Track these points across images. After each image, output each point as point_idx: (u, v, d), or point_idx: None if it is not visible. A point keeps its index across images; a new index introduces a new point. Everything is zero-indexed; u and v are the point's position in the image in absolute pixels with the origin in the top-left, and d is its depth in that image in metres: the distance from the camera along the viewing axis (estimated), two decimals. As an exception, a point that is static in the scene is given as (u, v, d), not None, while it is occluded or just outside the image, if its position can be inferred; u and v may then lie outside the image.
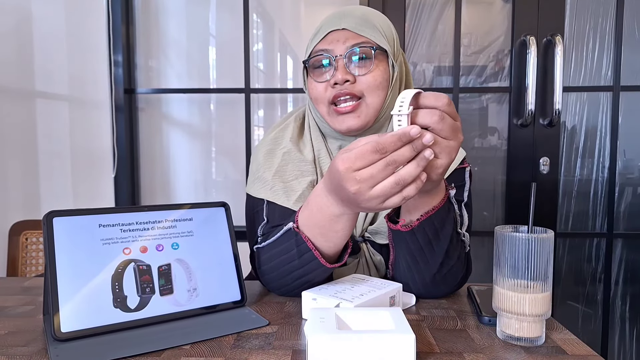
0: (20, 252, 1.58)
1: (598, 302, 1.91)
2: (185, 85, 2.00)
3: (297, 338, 0.63)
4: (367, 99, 0.83)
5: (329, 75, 0.83)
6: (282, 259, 0.76)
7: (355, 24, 0.83)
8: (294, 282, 0.77)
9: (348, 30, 0.83)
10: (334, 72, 0.82)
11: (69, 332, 0.60)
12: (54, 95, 1.84)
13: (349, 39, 0.82)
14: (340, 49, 0.82)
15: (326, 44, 0.83)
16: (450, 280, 0.79)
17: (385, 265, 0.87)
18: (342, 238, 0.72)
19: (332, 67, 0.83)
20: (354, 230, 0.87)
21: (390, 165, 0.59)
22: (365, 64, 0.83)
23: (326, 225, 0.71)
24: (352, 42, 0.82)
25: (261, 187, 0.88)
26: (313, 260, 0.73)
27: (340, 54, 0.82)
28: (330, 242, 0.72)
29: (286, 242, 0.75)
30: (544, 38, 1.76)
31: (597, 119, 1.86)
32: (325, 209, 0.69)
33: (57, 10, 1.83)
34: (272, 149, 0.91)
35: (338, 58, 0.82)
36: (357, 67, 0.83)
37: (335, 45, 0.83)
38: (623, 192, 1.88)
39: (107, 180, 1.92)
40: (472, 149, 1.91)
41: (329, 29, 0.83)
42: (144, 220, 0.70)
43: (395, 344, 0.52)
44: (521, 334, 0.61)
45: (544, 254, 0.59)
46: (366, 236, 0.88)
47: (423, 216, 0.71)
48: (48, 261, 0.62)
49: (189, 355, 0.58)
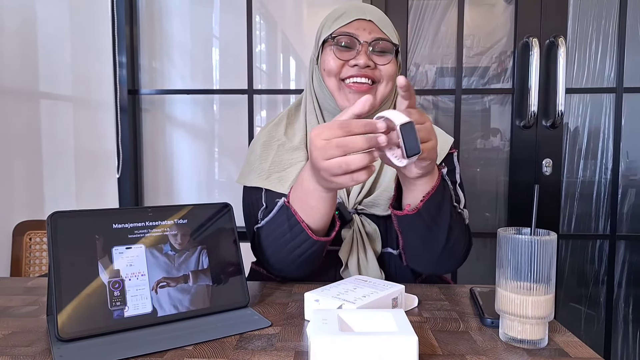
0: (24, 252, 1.58)
1: (601, 304, 1.91)
2: (189, 86, 2.00)
3: (300, 339, 0.63)
4: (379, 86, 0.93)
5: (350, 56, 0.91)
6: (277, 234, 0.82)
7: (379, 19, 0.93)
8: (289, 256, 0.81)
9: (373, 23, 0.92)
10: (357, 56, 0.90)
11: (73, 332, 0.61)
12: (58, 96, 1.84)
13: (373, 31, 0.91)
14: (365, 36, 0.91)
15: (352, 28, 0.91)
16: (457, 250, 0.86)
17: (381, 237, 0.93)
18: (319, 215, 0.77)
19: (354, 51, 0.91)
20: (347, 202, 0.93)
21: (340, 147, 0.64)
22: (384, 56, 0.92)
23: (303, 199, 0.77)
24: (376, 35, 0.91)
25: (257, 177, 0.95)
26: (302, 233, 0.78)
27: (365, 41, 0.91)
28: (309, 217, 0.78)
29: (280, 217, 0.81)
30: (547, 39, 1.76)
31: (600, 120, 1.86)
32: (304, 182, 0.76)
33: (61, 12, 1.83)
34: (268, 141, 0.98)
35: (363, 44, 0.91)
36: (377, 56, 0.92)
37: (362, 32, 0.91)
38: (626, 193, 1.88)
39: (110, 180, 1.92)
40: (475, 150, 1.91)
41: (356, 16, 0.92)
42: (147, 220, 0.71)
43: (397, 346, 0.52)
44: (524, 336, 0.61)
45: (547, 256, 0.59)
46: (359, 208, 0.93)
47: (425, 197, 0.77)
48: (52, 261, 0.63)
49: (192, 356, 0.58)
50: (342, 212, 0.90)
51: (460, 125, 1.86)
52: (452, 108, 1.87)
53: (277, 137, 0.98)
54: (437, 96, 1.90)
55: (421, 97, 1.90)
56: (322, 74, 0.95)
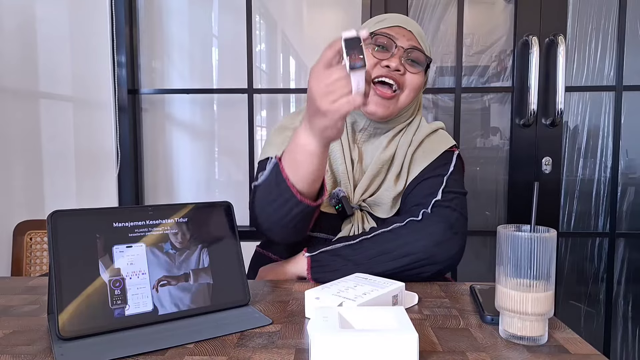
0: (25, 251, 1.58)
1: (600, 301, 1.91)
2: (188, 85, 2.00)
3: (301, 337, 0.63)
4: (402, 94, 0.94)
5: (384, 57, 0.92)
6: (267, 192, 0.83)
7: (418, 32, 0.96)
8: (275, 215, 0.83)
9: (412, 34, 0.94)
10: (391, 57, 0.92)
11: (74, 331, 0.61)
12: (58, 95, 1.84)
13: (411, 40, 0.94)
14: (403, 42, 0.93)
15: (393, 32, 0.93)
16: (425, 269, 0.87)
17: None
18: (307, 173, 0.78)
19: (389, 53, 0.92)
20: (351, 197, 0.95)
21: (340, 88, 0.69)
22: (415, 66, 0.94)
23: (292, 154, 0.79)
24: (413, 44, 0.94)
25: (270, 149, 0.97)
26: (287, 191, 0.79)
27: (402, 46, 0.93)
28: (297, 174, 0.79)
29: (270, 175, 0.82)
30: (547, 38, 1.76)
31: (599, 118, 1.86)
32: (297, 137, 0.78)
33: (60, 12, 1.83)
34: (285, 125, 1.01)
35: (399, 48, 0.92)
36: (409, 65, 0.94)
37: (401, 38, 0.93)
38: (625, 191, 1.88)
39: (110, 180, 1.92)
40: (475, 149, 1.91)
41: (397, 23, 0.95)
42: (147, 220, 0.71)
43: (398, 343, 0.52)
44: (524, 333, 0.61)
45: (547, 254, 0.59)
46: (363, 205, 0.95)
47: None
48: (52, 261, 0.63)
49: (193, 354, 0.58)
50: (345, 205, 0.92)
51: (460, 124, 1.86)
52: (451, 107, 1.88)
53: (294, 123, 1.00)
54: (437, 95, 1.90)
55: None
56: None
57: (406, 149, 0.97)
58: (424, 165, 0.96)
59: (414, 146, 0.98)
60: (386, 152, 0.96)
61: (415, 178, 0.96)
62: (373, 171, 0.95)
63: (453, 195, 0.92)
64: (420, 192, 0.93)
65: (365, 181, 0.95)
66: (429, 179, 0.95)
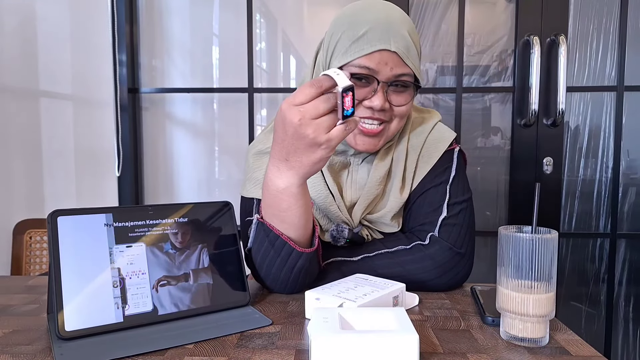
0: (25, 251, 1.58)
1: (601, 302, 1.91)
2: (189, 84, 2.00)
3: (301, 338, 0.63)
4: (391, 124, 0.85)
5: (365, 94, 0.81)
6: (263, 254, 0.78)
7: (404, 48, 0.80)
8: (282, 275, 0.78)
9: (397, 55, 0.79)
10: (373, 97, 0.80)
11: (73, 330, 0.61)
12: (58, 94, 1.84)
13: (395, 67, 0.80)
14: (386, 73, 0.80)
15: (374, 62, 0.79)
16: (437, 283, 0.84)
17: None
18: (296, 218, 0.73)
19: (370, 87, 0.81)
20: (351, 221, 0.88)
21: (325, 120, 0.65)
22: (403, 93, 0.84)
23: (273, 205, 0.73)
24: (398, 72, 0.80)
25: (252, 187, 0.90)
26: (285, 246, 0.75)
27: (385, 81, 0.81)
28: (286, 224, 0.74)
29: (259, 236, 0.77)
30: (548, 38, 1.75)
31: (600, 119, 1.85)
32: (271, 185, 0.72)
33: (61, 10, 1.83)
34: (261, 149, 0.92)
35: (382, 85, 0.80)
36: (395, 94, 0.83)
37: (383, 68, 0.80)
38: (627, 192, 1.87)
39: (110, 179, 1.92)
40: (475, 149, 1.91)
41: (379, 46, 0.79)
42: (148, 219, 0.70)
43: (398, 344, 0.52)
44: (525, 334, 0.61)
45: (548, 255, 0.59)
46: (364, 222, 0.90)
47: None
48: (52, 260, 0.63)
49: (193, 355, 0.58)
50: (355, 239, 0.86)
51: (461, 124, 1.86)
52: (452, 107, 1.87)
53: (269, 144, 0.89)
54: (438, 95, 1.90)
55: (422, 95, 1.90)
56: None
57: (404, 158, 0.90)
58: (425, 172, 0.90)
59: (414, 154, 0.91)
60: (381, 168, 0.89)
61: (417, 189, 0.90)
62: (372, 190, 0.89)
63: (459, 208, 0.87)
64: (424, 208, 0.88)
65: (364, 201, 0.88)
66: (431, 189, 0.89)
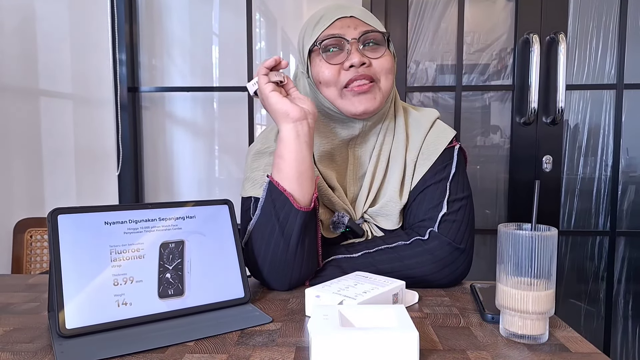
0: (25, 249, 1.58)
1: (600, 300, 1.91)
2: (189, 83, 2.00)
3: (301, 335, 0.63)
4: (380, 82, 0.87)
5: (342, 58, 0.85)
6: (263, 222, 0.80)
7: (361, 13, 0.88)
8: (275, 243, 0.79)
9: (356, 19, 0.86)
10: (349, 56, 0.84)
11: (74, 328, 0.61)
12: (58, 93, 1.84)
13: (359, 26, 0.86)
14: (352, 33, 0.85)
15: (336, 29, 0.85)
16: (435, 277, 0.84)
17: None
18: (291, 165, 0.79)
19: (344, 52, 0.85)
20: (354, 213, 0.91)
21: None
22: (377, 49, 0.87)
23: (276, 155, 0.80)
24: (363, 29, 0.86)
25: (251, 187, 0.91)
26: (286, 204, 0.78)
27: (354, 38, 0.85)
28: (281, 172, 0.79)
29: (265, 204, 0.80)
30: (547, 36, 1.75)
31: (600, 117, 1.86)
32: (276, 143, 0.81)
33: (60, 9, 1.83)
34: (260, 149, 0.94)
35: (352, 42, 0.84)
36: (370, 51, 0.86)
37: (347, 30, 0.85)
38: (626, 190, 1.88)
39: (111, 178, 1.92)
40: (475, 148, 1.91)
41: (336, 15, 0.86)
42: (148, 217, 0.71)
43: (398, 341, 0.52)
44: (524, 331, 0.61)
45: (548, 252, 0.59)
46: (366, 217, 0.91)
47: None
48: (53, 258, 0.63)
49: (193, 352, 0.58)
50: (353, 227, 0.88)
51: (461, 122, 1.86)
52: (452, 105, 1.87)
53: (268, 144, 0.94)
54: (437, 93, 1.90)
55: (421, 94, 1.90)
56: (319, 87, 0.88)
57: (404, 153, 0.91)
58: (426, 169, 0.90)
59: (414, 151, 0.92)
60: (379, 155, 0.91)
61: (417, 186, 0.90)
62: (369, 179, 0.91)
63: (459, 204, 0.87)
64: (424, 204, 0.88)
65: (365, 191, 0.91)
66: (431, 186, 0.89)
